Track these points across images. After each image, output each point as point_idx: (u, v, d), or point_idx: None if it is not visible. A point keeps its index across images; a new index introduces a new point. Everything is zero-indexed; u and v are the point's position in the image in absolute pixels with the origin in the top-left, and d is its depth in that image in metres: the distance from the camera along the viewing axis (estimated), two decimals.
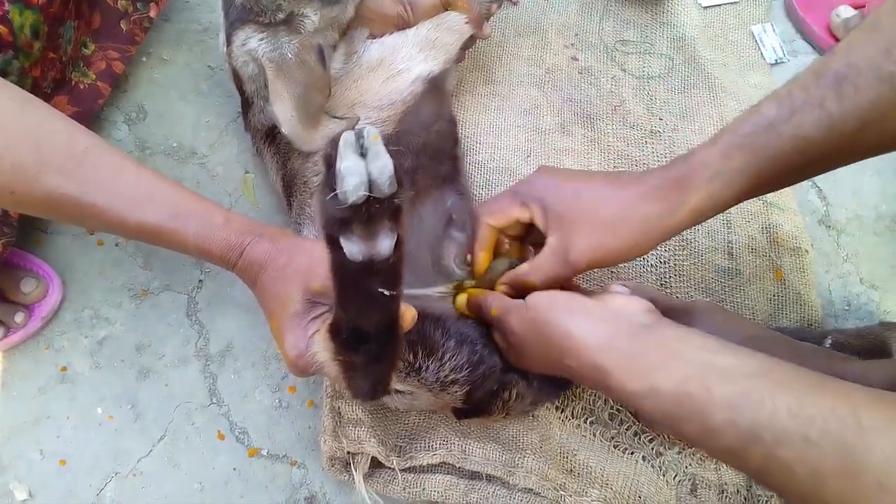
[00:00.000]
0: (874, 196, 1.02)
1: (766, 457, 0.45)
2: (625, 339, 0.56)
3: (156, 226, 0.63)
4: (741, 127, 0.60)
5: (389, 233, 0.47)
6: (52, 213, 0.64)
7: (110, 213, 0.61)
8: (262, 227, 0.66)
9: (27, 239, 0.90)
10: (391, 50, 0.80)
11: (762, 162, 0.59)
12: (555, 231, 0.66)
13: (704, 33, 1.11)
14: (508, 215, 0.71)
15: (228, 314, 0.89)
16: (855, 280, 0.97)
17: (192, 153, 0.98)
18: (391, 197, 0.45)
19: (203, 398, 0.85)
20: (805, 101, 0.56)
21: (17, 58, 0.73)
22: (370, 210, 0.44)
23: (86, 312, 0.88)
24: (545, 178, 0.69)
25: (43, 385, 0.85)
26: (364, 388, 0.62)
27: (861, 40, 0.55)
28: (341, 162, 0.43)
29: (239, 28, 0.71)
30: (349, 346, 0.55)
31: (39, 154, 0.59)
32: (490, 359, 0.69)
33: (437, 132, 0.83)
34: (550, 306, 0.61)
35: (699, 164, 0.61)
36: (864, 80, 0.54)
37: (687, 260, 0.92)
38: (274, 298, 0.63)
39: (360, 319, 0.53)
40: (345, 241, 0.46)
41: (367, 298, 0.51)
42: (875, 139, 0.56)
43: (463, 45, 0.85)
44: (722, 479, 0.80)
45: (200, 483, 0.81)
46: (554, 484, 0.77)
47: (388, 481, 0.78)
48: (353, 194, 0.43)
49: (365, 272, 0.48)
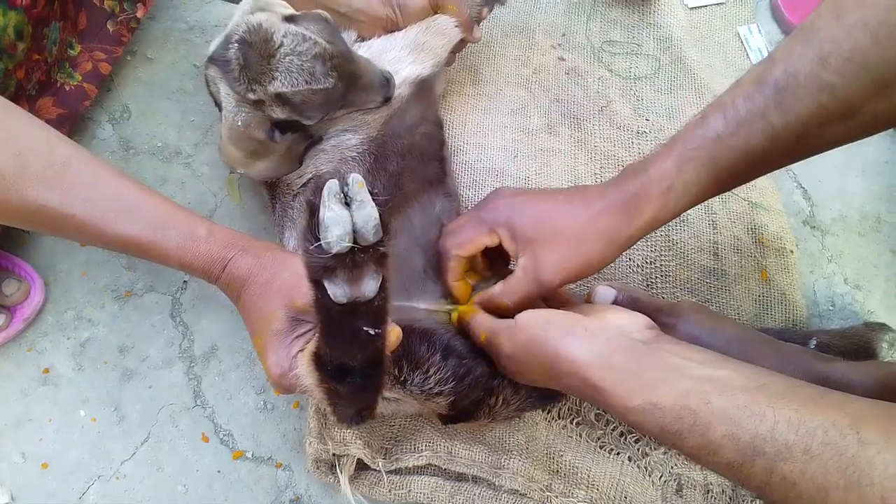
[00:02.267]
0: (859, 197, 1.03)
1: (769, 471, 0.45)
2: (623, 356, 0.55)
3: (136, 238, 0.62)
4: (691, 139, 0.62)
5: (374, 275, 0.47)
6: (30, 224, 0.64)
7: (90, 225, 0.61)
8: (247, 239, 0.66)
9: (10, 240, 0.89)
10: (378, 53, 0.80)
11: (712, 172, 0.61)
12: (524, 252, 0.68)
13: (691, 34, 1.12)
14: (476, 244, 0.72)
15: (213, 316, 0.89)
16: (839, 280, 0.98)
17: (177, 152, 0.98)
18: (376, 244, 0.44)
19: (187, 400, 0.85)
20: (749, 112, 0.58)
21: (0, 59, 0.72)
22: (355, 258, 0.44)
23: (68, 314, 0.87)
24: (508, 201, 0.71)
25: (25, 387, 0.84)
26: (349, 414, 0.61)
27: (798, 47, 0.56)
28: (325, 211, 0.43)
29: (216, 67, 0.70)
30: (334, 377, 0.55)
31: (19, 163, 0.58)
32: (476, 370, 0.68)
33: (424, 134, 0.83)
34: (546, 326, 0.60)
35: (654, 177, 0.63)
36: (804, 90, 0.55)
37: (672, 261, 0.92)
38: (257, 315, 0.62)
39: (345, 356, 0.52)
40: (329, 285, 0.46)
41: (352, 336, 0.50)
42: (812, 144, 0.59)
43: (453, 48, 0.85)
44: (707, 479, 0.81)
45: (185, 486, 0.81)
46: (540, 485, 0.77)
47: (373, 483, 0.78)
48: (336, 244, 0.43)
49: (349, 313, 0.48)
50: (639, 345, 0.56)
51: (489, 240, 0.71)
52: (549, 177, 0.97)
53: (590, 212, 0.66)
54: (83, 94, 0.91)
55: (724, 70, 1.10)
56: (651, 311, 0.72)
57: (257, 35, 0.64)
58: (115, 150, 0.96)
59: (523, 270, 0.68)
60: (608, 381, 0.54)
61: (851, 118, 0.55)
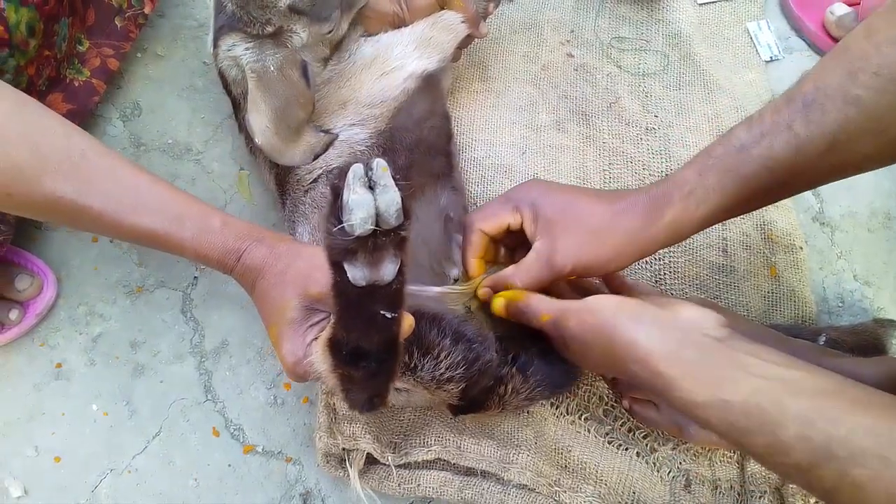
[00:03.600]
0: (868, 193, 1.03)
1: (840, 475, 0.44)
2: (694, 350, 0.55)
3: (152, 230, 0.63)
4: (715, 150, 0.63)
5: (393, 259, 0.47)
6: (48, 216, 0.64)
7: (106, 217, 0.61)
8: (261, 231, 0.66)
9: (22, 236, 0.89)
10: (385, 48, 0.80)
11: (734, 181, 0.62)
12: (542, 236, 0.68)
13: (700, 30, 1.11)
14: (500, 220, 0.72)
15: (224, 311, 0.89)
16: (849, 277, 0.98)
17: (188, 150, 0.98)
18: (397, 228, 0.45)
19: (198, 395, 0.85)
20: (774, 124, 0.59)
21: (12, 56, 0.72)
22: (376, 241, 0.45)
23: (80, 309, 0.88)
24: (539, 186, 0.72)
25: (38, 382, 0.84)
26: (361, 400, 0.62)
27: (830, 65, 0.57)
28: (349, 194, 0.44)
29: (226, 34, 0.71)
30: (348, 362, 0.55)
31: (37, 156, 0.58)
32: (486, 355, 0.69)
33: (431, 128, 0.83)
34: (616, 312, 0.59)
35: (677, 182, 0.65)
36: (831, 103, 0.56)
37: (682, 257, 0.92)
38: (272, 305, 0.63)
39: (361, 339, 0.53)
40: (349, 267, 0.47)
41: (369, 320, 0.51)
42: (841, 160, 0.59)
43: (459, 44, 0.85)
44: (716, 474, 0.81)
45: (195, 479, 0.82)
46: (549, 480, 0.77)
47: (383, 478, 0.78)
48: (359, 227, 0.44)
49: (367, 296, 0.49)
50: (710, 340, 0.55)
51: (512, 218, 0.71)
52: (557, 173, 0.97)
53: (613, 208, 0.67)
54: (92, 90, 0.91)
55: (733, 66, 1.10)
56: None
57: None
58: (125, 146, 0.97)
59: (537, 253, 0.68)
60: (676, 371, 0.53)
61: (881, 134, 0.55)
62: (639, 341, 0.56)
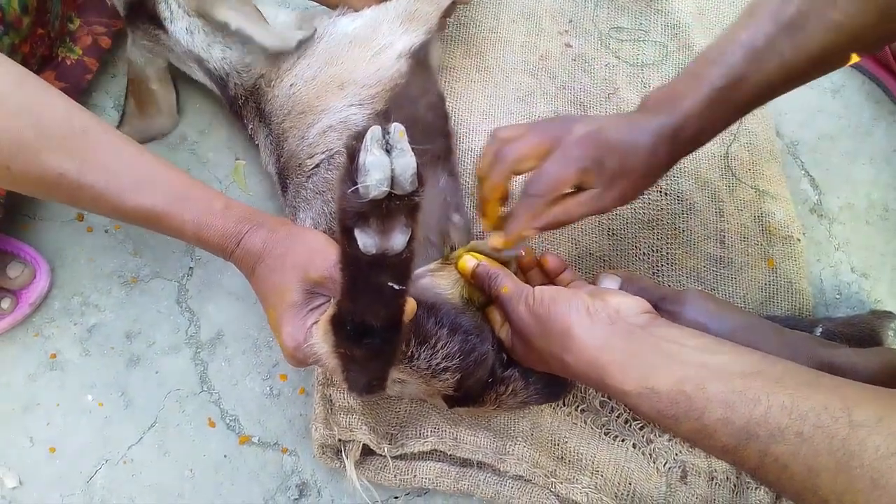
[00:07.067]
0: (866, 185, 1.03)
1: (762, 454, 0.46)
2: (622, 339, 0.56)
3: (153, 209, 0.62)
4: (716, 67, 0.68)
5: (404, 228, 0.47)
6: (47, 192, 0.63)
7: (107, 195, 0.60)
8: (261, 215, 0.66)
9: (13, 225, 0.89)
10: (372, 25, 0.80)
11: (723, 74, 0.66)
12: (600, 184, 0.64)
13: (699, 20, 1.11)
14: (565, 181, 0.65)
15: (219, 302, 0.89)
16: (846, 269, 0.97)
17: (183, 139, 0.97)
18: (411, 194, 0.45)
19: (194, 385, 0.85)
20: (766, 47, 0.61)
21: (7, 34, 0.72)
22: (389, 206, 0.45)
23: (75, 300, 0.88)
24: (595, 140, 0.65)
25: (32, 372, 0.84)
26: (361, 382, 0.62)
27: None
28: (366, 156, 0.44)
29: None
30: (351, 339, 0.55)
31: (38, 130, 0.57)
32: (481, 347, 0.69)
33: (428, 105, 0.84)
34: (553, 300, 0.60)
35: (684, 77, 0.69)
36: (813, 27, 0.58)
37: (679, 248, 0.92)
38: (271, 289, 0.62)
39: (366, 312, 0.53)
40: (360, 234, 0.47)
41: (376, 292, 0.51)
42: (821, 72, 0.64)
43: (444, 12, 0.85)
44: (712, 466, 0.81)
45: (191, 470, 0.81)
46: (545, 471, 0.77)
47: (379, 469, 0.78)
48: (375, 189, 0.43)
49: (376, 265, 0.49)
50: (636, 328, 0.57)
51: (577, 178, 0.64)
52: None
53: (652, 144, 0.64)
54: (84, 68, 0.91)
55: None
56: (657, 299, 0.72)
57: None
58: None
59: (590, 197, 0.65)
60: (606, 361, 0.55)
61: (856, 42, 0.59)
62: (573, 330, 0.57)
